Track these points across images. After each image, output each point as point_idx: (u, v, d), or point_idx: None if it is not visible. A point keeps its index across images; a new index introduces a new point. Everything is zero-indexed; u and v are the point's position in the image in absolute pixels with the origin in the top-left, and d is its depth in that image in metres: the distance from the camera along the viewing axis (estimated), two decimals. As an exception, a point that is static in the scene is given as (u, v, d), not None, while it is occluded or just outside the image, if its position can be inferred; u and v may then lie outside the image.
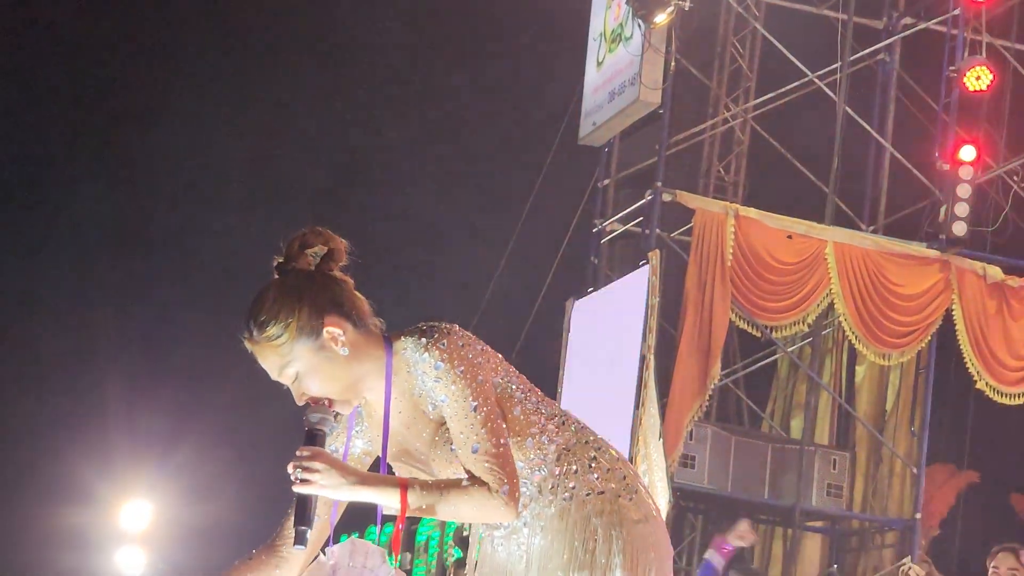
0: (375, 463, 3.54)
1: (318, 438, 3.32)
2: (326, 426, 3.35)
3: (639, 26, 12.76)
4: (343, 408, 3.41)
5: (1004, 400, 12.72)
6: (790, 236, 12.64)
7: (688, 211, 12.65)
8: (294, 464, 3.27)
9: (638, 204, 13.31)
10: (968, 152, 12.66)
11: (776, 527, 14.06)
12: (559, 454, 3.42)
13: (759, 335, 12.99)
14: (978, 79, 12.67)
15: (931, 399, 12.98)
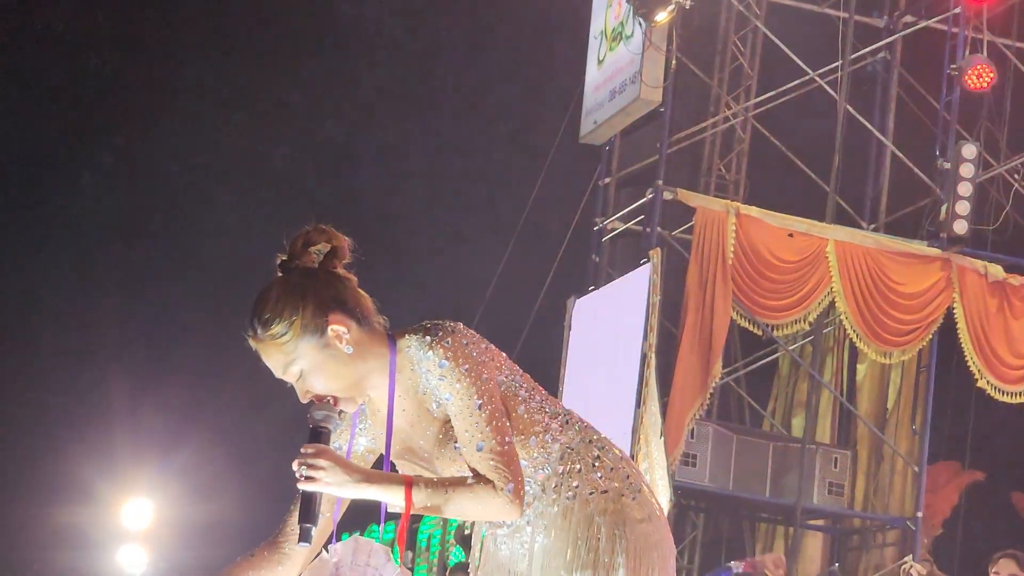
0: (378, 461, 3.53)
1: (323, 436, 3.31)
2: (331, 424, 3.34)
3: (640, 24, 12.77)
4: (347, 406, 3.41)
5: (1005, 398, 12.70)
6: (791, 234, 12.63)
7: (689, 209, 12.65)
8: (299, 461, 3.26)
9: (639, 202, 13.31)
10: (969, 150, 12.66)
11: (777, 526, 14.06)
12: (563, 453, 3.42)
13: (760, 333, 12.99)
14: (979, 77, 12.67)
15: (932, 398, 12.97)
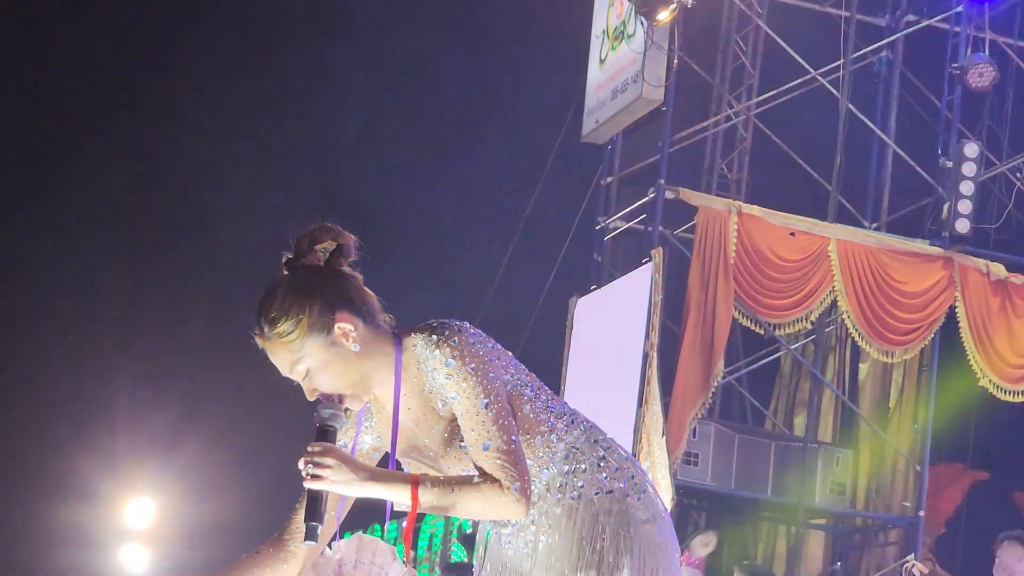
0: (383, 459, 3.53)
1: (329, 434, 3.31)
2: (337, 422, 3.34)
3: (642, 23, 12.76)
4: (353, 404, 3.41)
5: (1007, 397, 12.71)
6: (793, 233, 12.63)
7: (691, 208, 12.65)
8: (305, 459, 3.26)
9: (641, 202, 13.31)
10: (971, 149, 12.67)
11: (779, 525, 14.05)
12: (568, 452, 3.42)
13: (762, 332, 12.98)
14: (981, 76, 12.67)
15: (934, 397, 12.97)
